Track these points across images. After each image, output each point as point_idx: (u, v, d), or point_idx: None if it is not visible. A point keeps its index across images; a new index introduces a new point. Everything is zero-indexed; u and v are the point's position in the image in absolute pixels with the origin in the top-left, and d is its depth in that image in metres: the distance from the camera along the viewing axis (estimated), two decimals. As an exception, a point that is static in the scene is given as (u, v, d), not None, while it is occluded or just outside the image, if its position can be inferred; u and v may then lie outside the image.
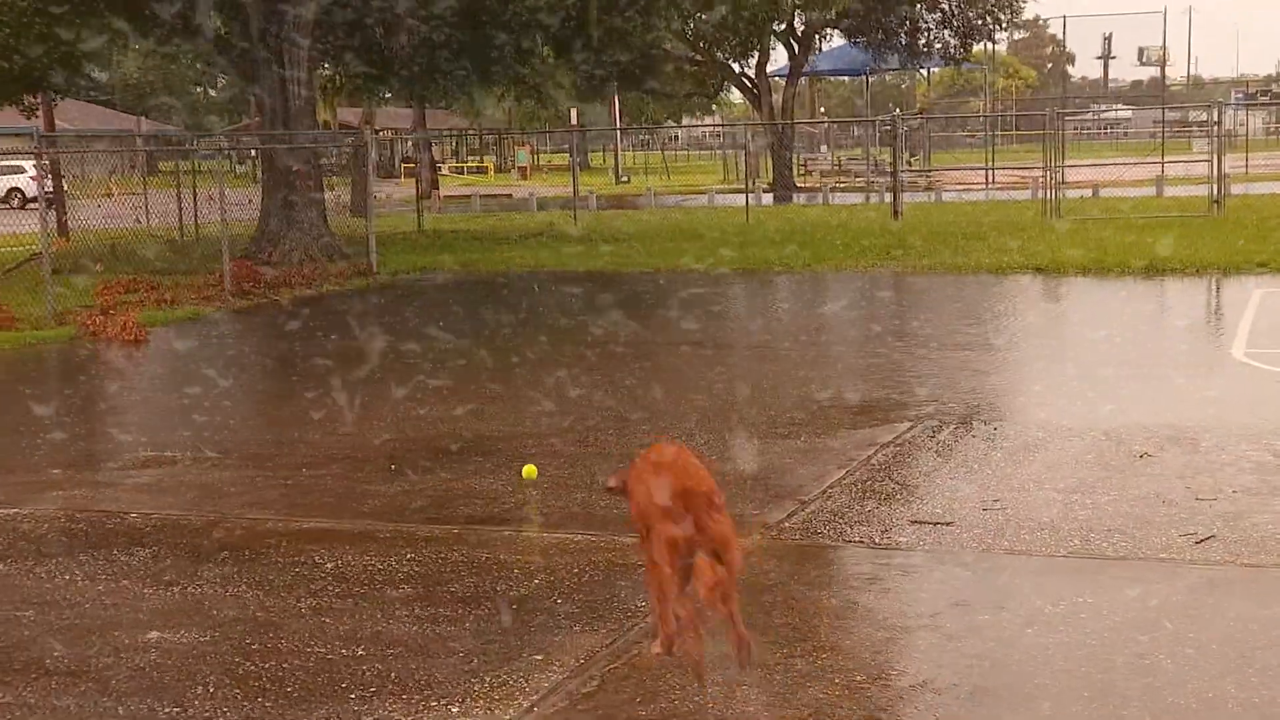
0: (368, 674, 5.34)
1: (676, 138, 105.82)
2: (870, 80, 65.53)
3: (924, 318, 15.20)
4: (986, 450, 8.72)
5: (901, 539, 6.87)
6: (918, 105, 77.43)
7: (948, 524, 7.07)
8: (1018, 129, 75.78)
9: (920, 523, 7.12)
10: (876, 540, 6.86)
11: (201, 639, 5.76)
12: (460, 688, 5.19)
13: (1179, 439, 8.81)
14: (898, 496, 7.68)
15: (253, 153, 41.39)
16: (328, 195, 24.69)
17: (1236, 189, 29.02)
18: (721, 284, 19.54)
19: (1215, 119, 28.96)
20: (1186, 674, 5.10)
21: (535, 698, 5.08)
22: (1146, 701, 4.89)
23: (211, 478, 8.67)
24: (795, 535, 6.98)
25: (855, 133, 79.01)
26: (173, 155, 29.53)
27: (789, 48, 51.48)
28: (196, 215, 26.07)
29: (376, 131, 55.45)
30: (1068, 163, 31.72)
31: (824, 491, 7.80)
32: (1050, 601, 5.86)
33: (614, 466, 8.58)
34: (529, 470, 8.41)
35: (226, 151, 30.04)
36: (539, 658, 5.44)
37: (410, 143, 61.46)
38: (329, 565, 6.71)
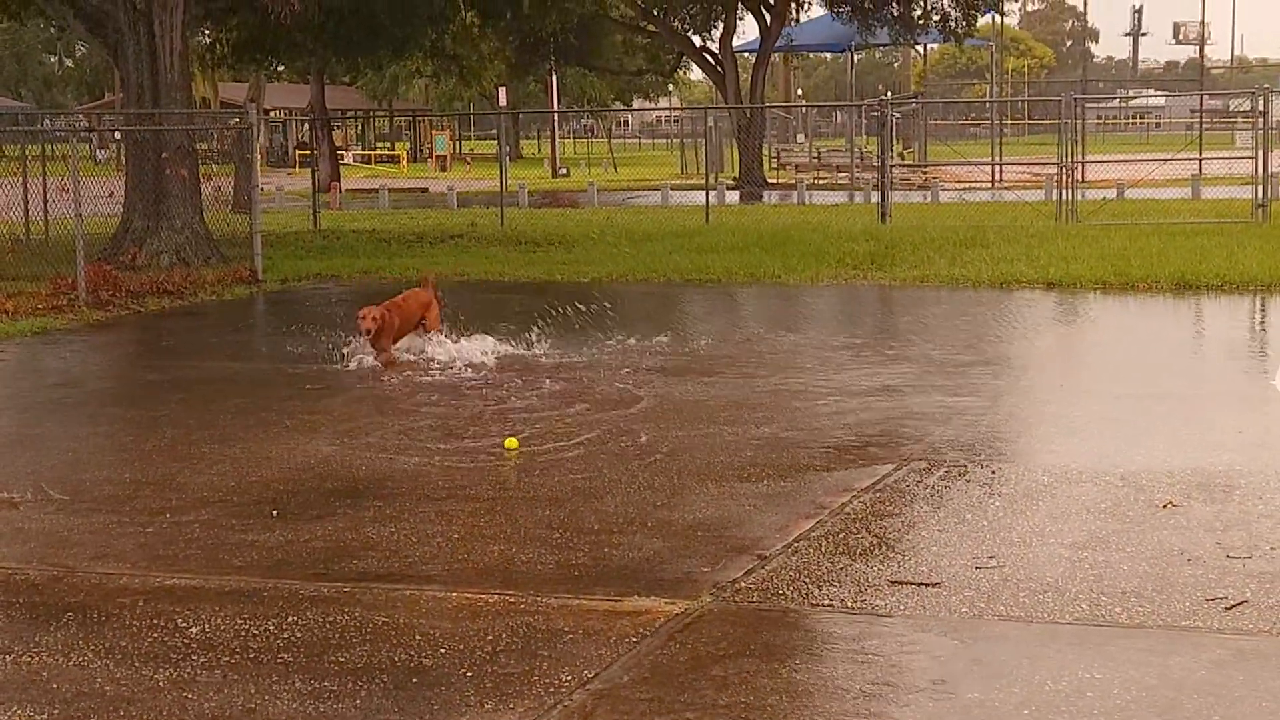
0: (236, 760, 5.33)
1: (625, 123, 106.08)
2: (856, 58, 65.94)
3: (912, 339, 15.29)
4: (982, 497, 8.80)
5: (879, 602, 6.93)
6: (912, 88, 77.96)
7: (934, 585, 7.13)
8: (1030, 117, 76.43)
9: (901, 583, 7.17)
10: (849, 604, 6.91)
11: (37, 718, 5.73)
12: (347, 777, 5.19)
13: (1209, 486, 8.91)
14: (876, 552, 7.74)
15: (116, 135, 41.26)
16: (205, 187, 24.57)
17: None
18: (674, 298, 19.62)
19: (1261, 108, 29.33)
20: (1208, 763, 5.16)
21: (437, 789, 5.09)
22: (1161, 795, 4.94)
23: (56, 524, 8.62)
24: (752, 597, 7.02)
25: (837, 120, 79.52)
26: (19, 137, 29.32)
27: (759, 17, 51.82)
28: (47, 209, 25.89)
29: (266, 112, 55.36)
30: (1088, 158, 32.08)
31: (789, 545, 7.85)
32: (1051, 677, 5.92)
33: (542, 516, 8.63)
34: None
35: (84, 133, 29.88)
36: (443, 741, 5.44)
37: (306, 126, 61.37)
38: (194, 630, 6.69)
